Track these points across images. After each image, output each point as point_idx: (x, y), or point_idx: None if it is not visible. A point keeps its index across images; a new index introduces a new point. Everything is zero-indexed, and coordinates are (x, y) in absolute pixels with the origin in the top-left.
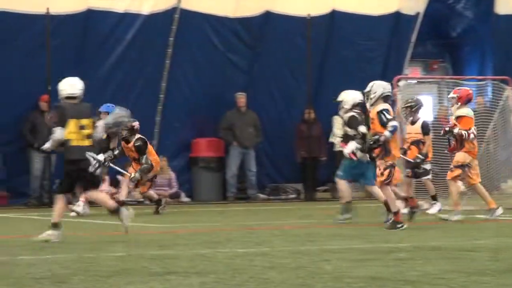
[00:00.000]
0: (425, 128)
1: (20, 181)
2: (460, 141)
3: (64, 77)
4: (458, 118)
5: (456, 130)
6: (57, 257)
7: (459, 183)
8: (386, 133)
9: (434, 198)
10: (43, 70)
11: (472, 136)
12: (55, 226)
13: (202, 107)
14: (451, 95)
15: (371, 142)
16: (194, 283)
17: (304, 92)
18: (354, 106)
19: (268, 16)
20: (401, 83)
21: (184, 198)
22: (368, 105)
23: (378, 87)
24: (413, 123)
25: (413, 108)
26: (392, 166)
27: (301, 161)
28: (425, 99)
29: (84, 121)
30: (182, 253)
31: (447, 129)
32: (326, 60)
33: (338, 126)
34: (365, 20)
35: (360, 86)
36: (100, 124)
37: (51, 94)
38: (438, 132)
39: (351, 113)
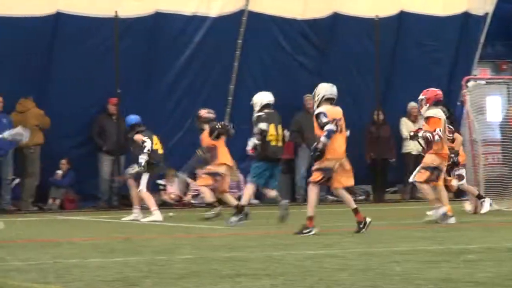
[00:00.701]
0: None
1: (89, 184)
2: (428, 143)
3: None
4: (426, 119)
5: (420, 134)
6: (128, 260)
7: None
8: (322, 138)
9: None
10: (112, 73)
11: (437, 137)
12: None
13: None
14: (420, 96)
15: (311, 153)
16: (264, 285)
17: (372, 93)
18: (263, 106)
19: (336, 18)
20: (470, 84)
21: (253, 200)
22: (314, 107)
23: (321, 89)
24: None
25: None
26: (328, 169)
27: (370, 162)
28: (494, 100)
29: None
30: (252, 255)
31: (411, 133)
32: (394, 61)
33: (406, 128)
34: (433, 21)
35: (428, 87)
36: None
37: (119, 97)
38: (508, 133)
39: (258, 113)
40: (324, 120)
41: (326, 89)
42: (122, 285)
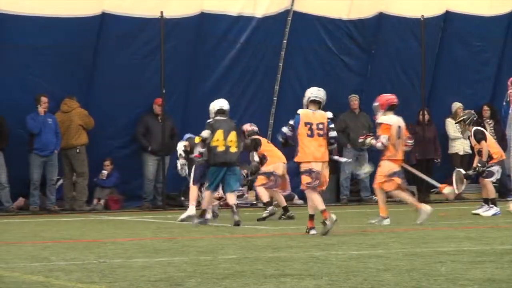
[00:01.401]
0: (476, 136)
1: (134, 184)
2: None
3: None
4: (378, 125)
5: (367, 140)
6: (173, 260)
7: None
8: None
9: (492, 201)
10: (157, 73)
11: (379, 144)
12: None
13: None
14: (374, 103)
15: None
16: (308, 285)
17: (418, 94)
18: (215, 113)
19: (381, 18)
20: None
21: (297, 200)
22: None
23: (307, 92)
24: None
25: (466, 121)
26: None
27: (416, 163)
28: None
29: None
30: (296, 255)
31: (360, 140)
32: (440, 61)
33: (451, 128)
34: (479, 21)
35: (474, 87)
36: None
37: (165, 97)
38: None
39: (208, 120)
40: (291, 122)
41: (311, 91)
42: (167, 285)
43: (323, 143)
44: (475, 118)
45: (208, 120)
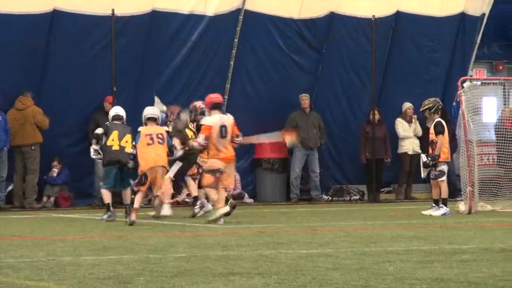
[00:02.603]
0: (436, 128)
1: (85, 182)
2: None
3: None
4: (201, 125)
5: (190, 143)
6: (122, 258)
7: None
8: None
9: (443, 201)
10: (108, 71)
11: (195, 144)
12: None
13: (266, 108)
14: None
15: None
16: (257, 284)
17: (368, 93)
18: (112, 118)
19: (332, 17)
20: (465, 85)
21: (247, 199)
22: None
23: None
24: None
25: (432, 109)
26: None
27: (366, 162)
28: (490, 101)
29: None
30: (245, 254)
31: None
32: (390, 61)
33: (401, 128)
34: (429, 21)
35: (424, 87)
36: None
37: (115, 95)
38: (503, 134)
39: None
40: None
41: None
42: (115, 282)
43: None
44: (440, 107)
45: (106, 123)
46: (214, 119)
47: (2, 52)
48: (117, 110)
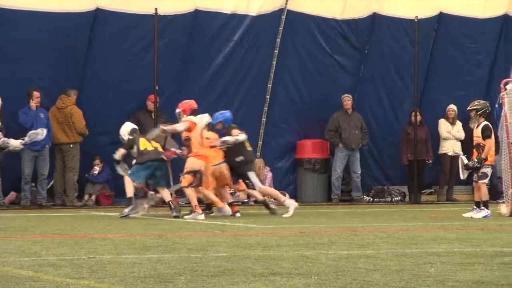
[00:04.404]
0: (485, 132)
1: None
2: (188, 146)
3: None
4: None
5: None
6: (162, 257)
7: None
8: None
9: (484, 204)
10: (151, 70)
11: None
12: None
13: (308, 108)
14: (177, 110)
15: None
16: (297, 284)
17: (410, 94)
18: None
19: (375, 18)
20: (508, 86)
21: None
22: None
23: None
24: (478, 126)
25: (479, 111)
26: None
27: (407, 163)
28: None
29: None
30: (286, 254)
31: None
32: (433, 62)
33: (444, 129)
34: (472, 23)
35: (466, 88)
36: None
37: (158, 94)
38: None
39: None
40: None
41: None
42: (156, 281)
43: None
44: (488, 111)
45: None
46: (199, 119)
47: (44, 51)
48: (132, 125)
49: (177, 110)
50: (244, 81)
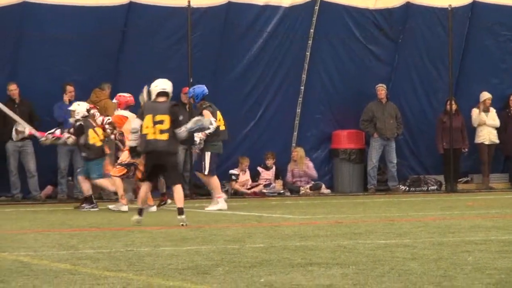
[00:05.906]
0: None
1: None
2: (120, 140)
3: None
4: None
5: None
6: (200, 249)
7: None
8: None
9: None
10: (184, 62)
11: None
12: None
13: (342, 98)
14: (113, 100)
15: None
16: (335, 274)
17: (445, 83)
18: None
19: (408, 7)
20: None
21: (324, 189)
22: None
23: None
24: None
25: None
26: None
27: (443, 152)
28: None
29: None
30: (323, 244)
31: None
32: (467, 50)
33: (478, 117)
34: (506, 11)
35: (500, 76)
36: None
37: (192, 86)
38: None
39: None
40: None
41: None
42: (194, 273)
43: None
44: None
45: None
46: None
47: (78, 44)
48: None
49: (114, 100)
50: (278, 73)
